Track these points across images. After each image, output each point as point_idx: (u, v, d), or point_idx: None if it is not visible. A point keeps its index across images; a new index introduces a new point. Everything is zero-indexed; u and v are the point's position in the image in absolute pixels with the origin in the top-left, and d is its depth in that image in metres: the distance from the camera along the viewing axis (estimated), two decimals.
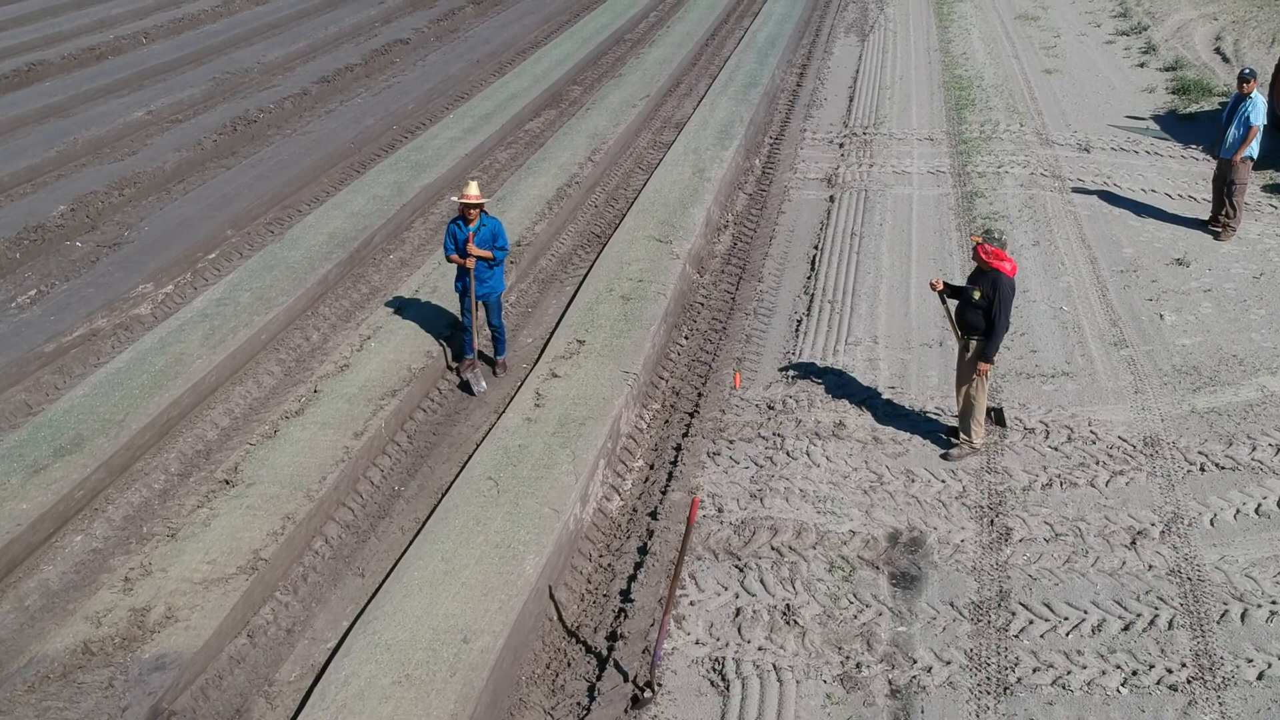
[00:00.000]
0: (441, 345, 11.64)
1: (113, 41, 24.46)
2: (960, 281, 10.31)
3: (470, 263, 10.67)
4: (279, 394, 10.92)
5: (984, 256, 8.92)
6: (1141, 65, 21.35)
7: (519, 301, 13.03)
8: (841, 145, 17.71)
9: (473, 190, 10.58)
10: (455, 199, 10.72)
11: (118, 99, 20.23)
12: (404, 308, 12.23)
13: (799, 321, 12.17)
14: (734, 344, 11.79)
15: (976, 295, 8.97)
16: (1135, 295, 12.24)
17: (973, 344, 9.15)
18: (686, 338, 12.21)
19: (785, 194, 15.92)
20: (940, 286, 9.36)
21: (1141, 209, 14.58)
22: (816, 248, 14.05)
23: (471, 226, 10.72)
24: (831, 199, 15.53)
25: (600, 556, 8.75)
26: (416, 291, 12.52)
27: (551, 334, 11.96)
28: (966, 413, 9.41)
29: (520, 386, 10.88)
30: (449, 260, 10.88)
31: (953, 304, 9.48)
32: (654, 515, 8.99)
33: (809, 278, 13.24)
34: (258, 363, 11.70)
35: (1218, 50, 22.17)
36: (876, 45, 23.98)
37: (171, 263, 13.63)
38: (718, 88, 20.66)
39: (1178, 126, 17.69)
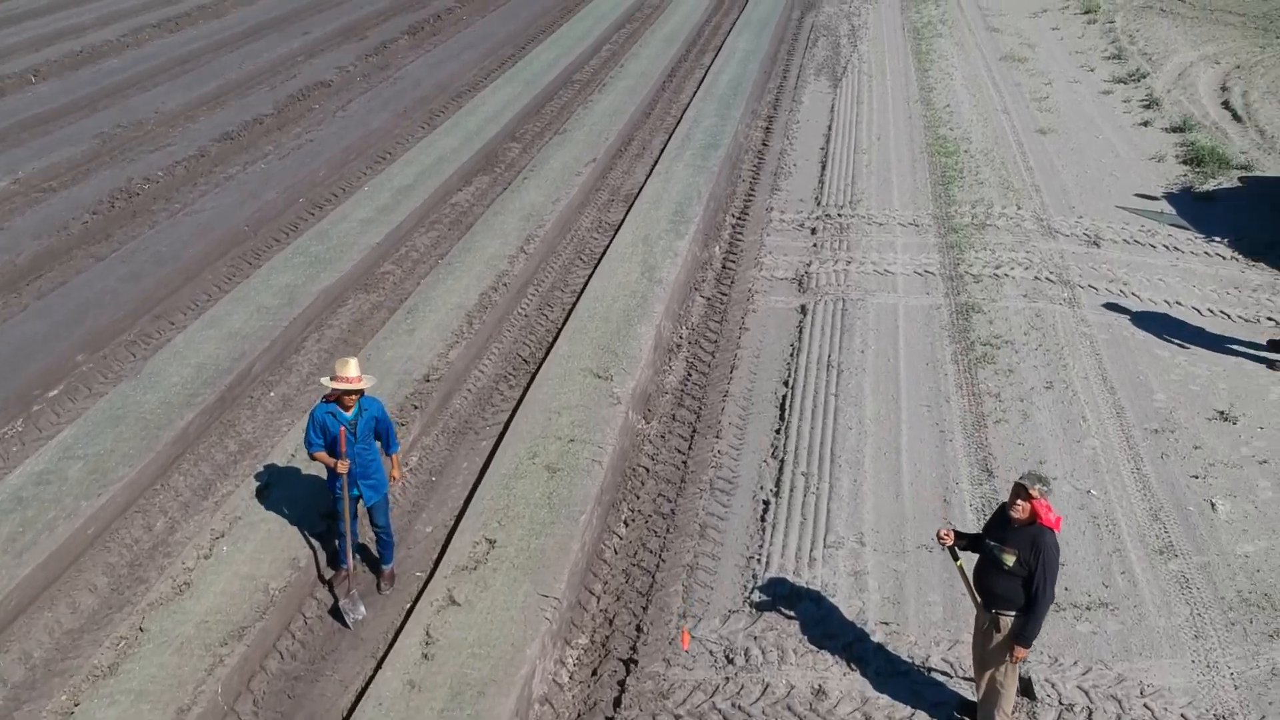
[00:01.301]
0: (313, 547, 9.11)
1: None
2: (965, 518, 7.79)
3: (345, 467, 8.07)
4: (94, 629, 8.45)
5: (1023, 514, 6.44)
6: (1145, 124, 19.00)
7: (421, 464, 10.45)
8: (814, 231, 15.20)
9: (351, 370, 8.02)
10: (327, 381, 8.10)
11: None
12: (276, 480, 9.76)
13: (766, 505, 9.66)
14: (684, 539, 9.39)
15: (1010, 561, 6.53)
16: (1176, 469, 9.83)
17: (1002, 620, 6.63)
18: (627, 523, 9.70)
19: (749, 300, 13.41)
20: (950, 540, 6.87)
21: (1167, 328, 12.22)
22: (787, 384, 11.56)
23: (348, 415, 8.09)
24: (803, 310, 13.03)
25: None
26: (295, 451, 9.98)
27: (456, 524, 9.41)
28: (990, 700, 6.99)
29: (408, 617, 8.35)
30: (313, 459, 8.25)
31: (967, 555, 6.98)
32: None
33: (778, 431, 10.74)
34: (79, 570, 9.09)
35: (1226, 105, 19.81)
36: (850, 92, 21.51)
37: None
38: (674, 148, 18.16)
39: (1196, 210, 15.33)
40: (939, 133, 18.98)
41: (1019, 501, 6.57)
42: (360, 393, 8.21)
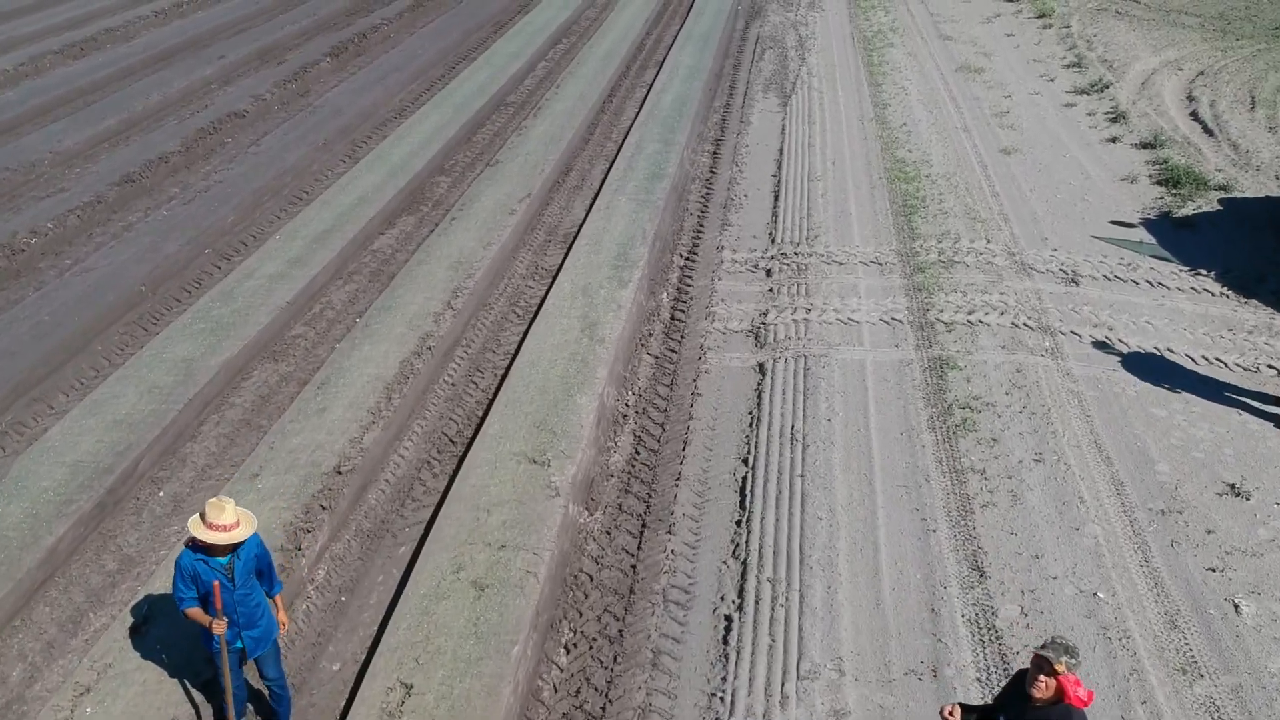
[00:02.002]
0: (196, 705, 7.49)
1: None
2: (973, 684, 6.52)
3: (223, 627, 6.55)
4: None
5: (1047, 692, 5.11)
6: (1113, 140, 17.87)
7: (330, 579, 8.97)
8: (769, 273, 13.85)
9: (227, 515, 6.58)
10: (195, 526, 6.59)
11: None
12: (158, 610, 8.42)
13: (728, 622, 8.30)
14: (635, 671, 8.10)
15: None
16: (1190, 560, 8.58)
17: None
18: (568, 648, 8.31)
19: (701, 358, 12.05)
20: (957, 717, 5.50)
21: (1161, 378, 11.11)
22: (746, 462, 10.19)
23: (222, 559, 6.57)
24: (761, 369, 11.67)
25: None
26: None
27: (367, 662, 7.91)
28: None
29: None
30: (185, 615, 6.74)
31: None
32: None
33: (738, 523, 9.37)
34: None
35: (1194, 115, 18.73)
36: (801, 110, 20.22)
37: None
38: (616, 179, 16.77)
39: (1176, 238, 14.17)
40: (897, 155, 17.71)
41: (1041, 678, 5.24)
42: (239, 544, 6.69)
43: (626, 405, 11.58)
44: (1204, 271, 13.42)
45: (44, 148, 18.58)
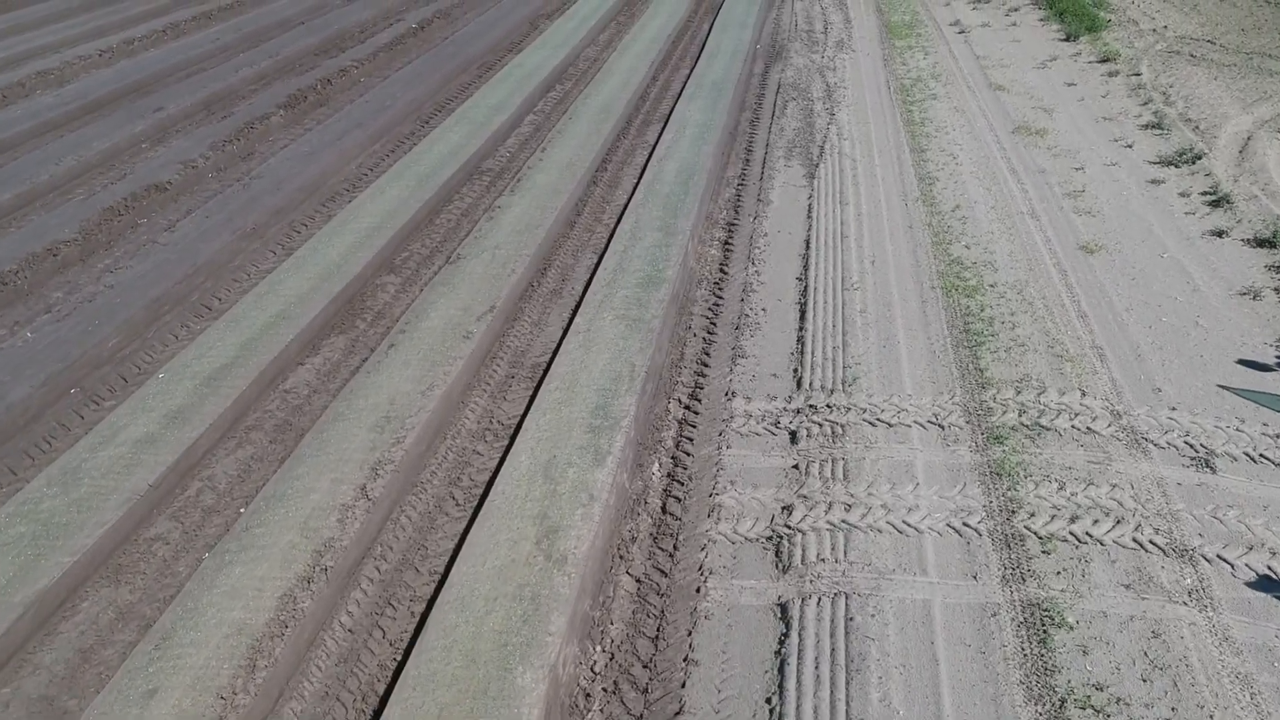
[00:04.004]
0: None
1: None
2: None
3: None
4: None
5: None
6: (1219, 234, 14.12)
7: None
8: (794, 437, 10.18)
9: None
10: None
11: None
12: None
13: None
14: None
15: None
16: None
17: None
18: None
19: (700, 588, 8.70)
20: None
21: None
22: None
23: None
24: (784, 613, 8.13)
25: None
26: None
27: None
28: None
29: None
30: None
31: None
32: None
33: None
34: None
35: None
36: (831, 184, 16.63)
37: None
38: (603, 283, 13.38)
39: None
40: (952, 252, 13.99)
41: None
42: None
43: (594, 671, 7.87)
44: None
45: None
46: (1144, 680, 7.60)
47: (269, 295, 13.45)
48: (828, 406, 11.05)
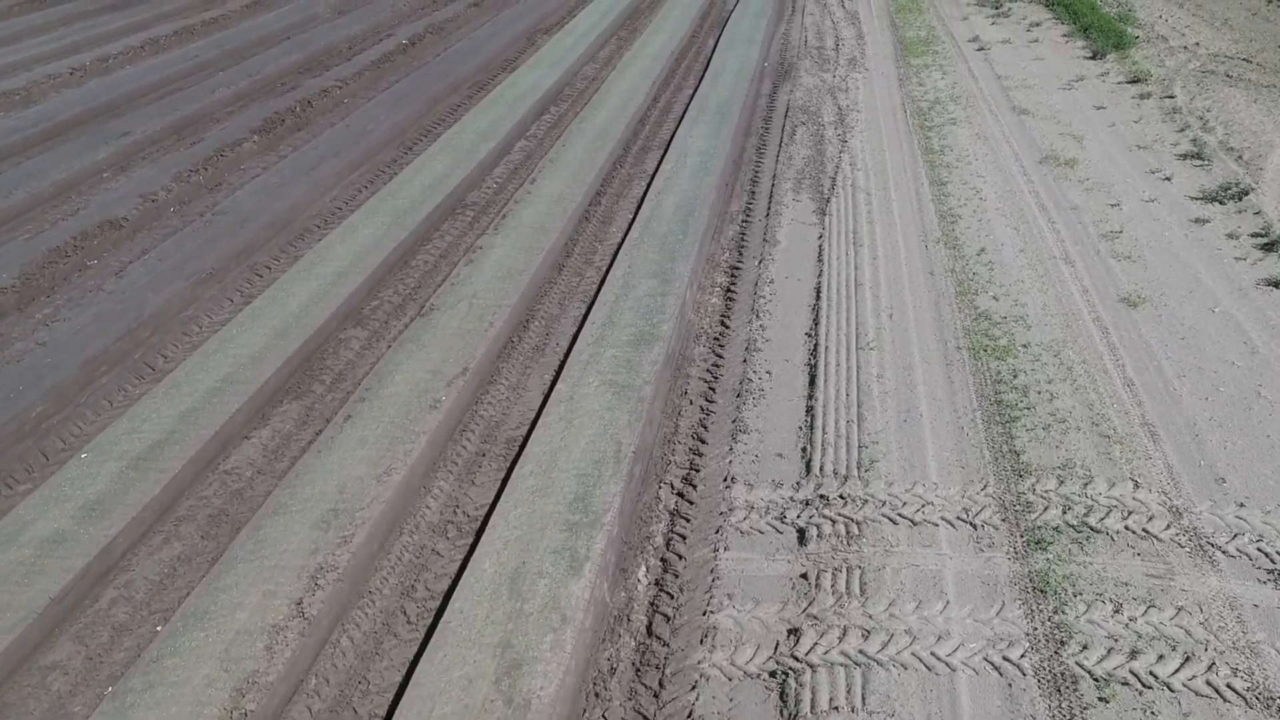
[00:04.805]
0: None
1: None
2: None
3: None
4: None
5: None
6: (1276, 285, 12.39)
7: None
8: (803, 536, 8.76)
9: None
10: None
11: None
12: None
13: None
14: None
15: None
16: None
17: None
18: None
19: None
20: None
21: None
22: None
23: None
24: None
25: None
26: None
27: None
28: None
29: None
30: None
31: None
32: None
33: None
34: None
35: None
36: (843, 222, 15.19)
37: None
38: (589, 340, 12.16)
39: None
40: (979, 304, 12.47)
41: None
42: None
43: None
44: None
45: None
46: None
47: (218, 354, 11.97)
48: (841, 498, 9.52)
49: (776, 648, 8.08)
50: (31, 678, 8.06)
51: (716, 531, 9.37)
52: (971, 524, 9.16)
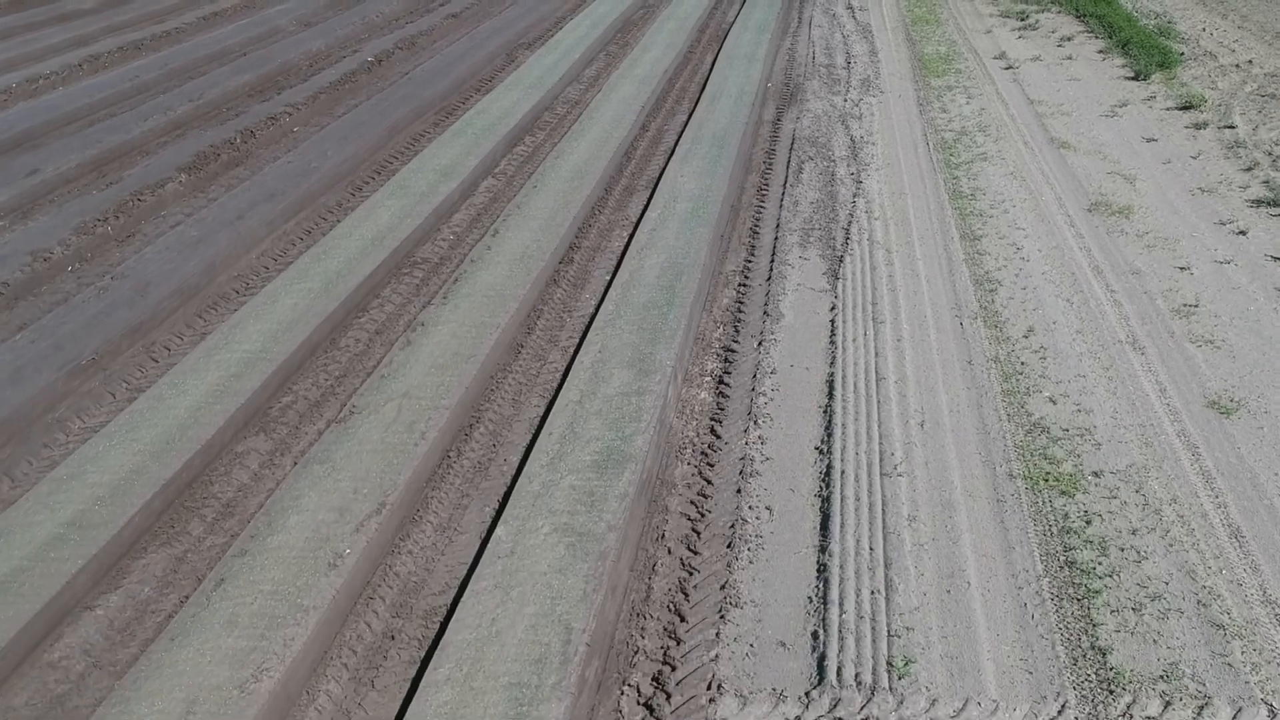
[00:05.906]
0: None
1: None
2: None
3: None
4: None
5: None
6: None
7: None
8: None
9: None
10: None
11: None
12: None
13: None
14: None
15: None
16: None
17: None
18: None
19: None
20: None
21: None
22: None
23: None
24: None
25: None
26: None
27: None
28: None
29: None
30: None
31: None
32: None
33: None
34: None
35: None
36: (859, 292, 12.70)
37: None
38: (542, 463, 10.11)
39: None
40: (1032, 410, 9.77)
41: None
42: None
43: None
44: None
45: None
46: None
47: (73, 482, 9.28)
48: (864, 716, 6.70)
49: None
50: None
51: None
52: None
